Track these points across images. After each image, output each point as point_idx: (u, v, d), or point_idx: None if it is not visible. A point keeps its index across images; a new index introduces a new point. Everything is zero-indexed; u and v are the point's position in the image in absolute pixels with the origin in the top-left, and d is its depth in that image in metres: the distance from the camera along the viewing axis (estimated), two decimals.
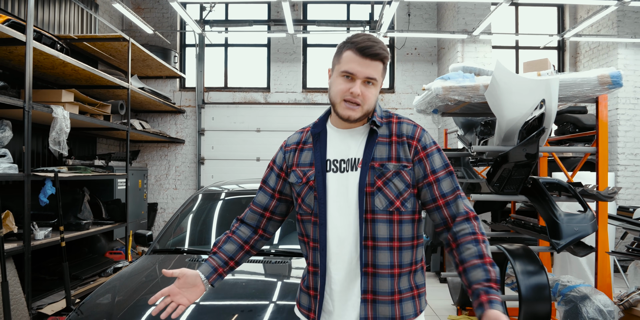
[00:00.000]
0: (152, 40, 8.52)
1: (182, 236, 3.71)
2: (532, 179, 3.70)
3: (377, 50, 1.53)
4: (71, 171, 4.94)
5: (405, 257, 1.58)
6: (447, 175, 1.59)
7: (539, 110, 3.43)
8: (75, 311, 2.52)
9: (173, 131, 8.80)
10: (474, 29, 6.94)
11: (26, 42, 3.94)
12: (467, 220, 1.55)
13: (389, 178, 1.55)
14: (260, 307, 2.46)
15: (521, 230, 4.15)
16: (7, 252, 3.76)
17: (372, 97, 1.56)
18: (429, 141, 1.61)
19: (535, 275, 3.42)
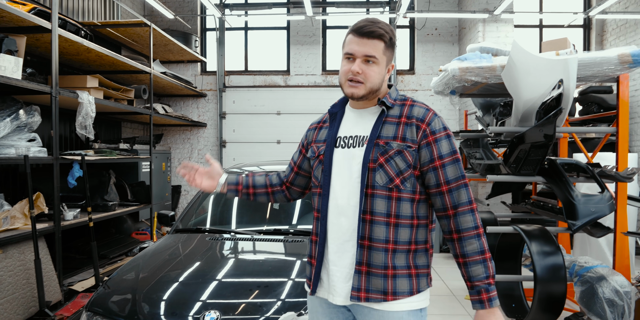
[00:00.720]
0: (173, 25, 8.61)
1: (203, 216, 3.84)
2: (549, 160, 3.69)
3: (373, 28, 1.60)
4: (97, 154, 5.11)
5: (401, 234, 1.62)
6: (454, 162, 1.61)
7: (556, 91, 3.39)
8: (102, 286, 2.67)
9: (195, 115, 8.94)
10: (495, 8, 6.79)
11: (52, 30, 4.05)
12: (471, 213, 1.59)
13: (391, 156, 1.60)
14: (277, 283, 2.57)
15: (540, 211, 4.15)
16: (38, 231, 3.95)
17: (373, 75, 1.62)
18: (439, 126, 1.63)
19: (551, 255, 3.44)
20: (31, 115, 4.06)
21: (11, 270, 3.77)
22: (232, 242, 3.24)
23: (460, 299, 4.72)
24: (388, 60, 1.67)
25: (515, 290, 4.25)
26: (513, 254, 4.27)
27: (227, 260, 2.93)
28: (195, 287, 2.53)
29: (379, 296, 1.61)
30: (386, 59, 1.65)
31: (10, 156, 3.76)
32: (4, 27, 3.96)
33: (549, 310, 3.34)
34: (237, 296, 2.44)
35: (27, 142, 4.02)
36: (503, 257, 4.26)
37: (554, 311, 3.34)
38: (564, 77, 3.34)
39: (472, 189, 7.08)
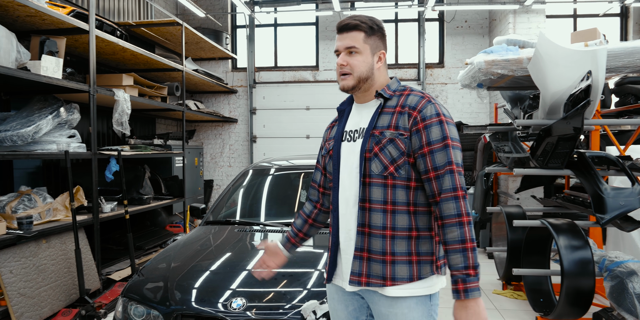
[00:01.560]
0: (205, 23, 8.80)
1: (232, 209, 3.96)
2: (577, 153, 3.64)
3: (347, 21, 1.70)
4: (133, 150, 5.32)
5: (399, 221, 1.65)
6: (443, 148, 1.61)
7: (585, 82, 3.34)
8: (137, 274, 2.82)
9: (226, 111, 9.12)
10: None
11: (89, 31, 4.24)
12: (455, 199, 1.58)
13: (384, 144, 1.65)
14: (302, 273, 2.65)
15: (570, 205, 4.09)
16: (78, 223, 4.16)
17: (357, 63, 1.69)
18: (431, 113, 1.63)
19: (579, 249, 3.40)
20: (71, 112, 4.27)
21: (54, 259, 3.99)
22: (261, 234, 3.35)
23: (489, 293, 4.71)
24: (373, 48, 1.71)
25: (544, 284, 4.21)
26: (541, 248, 4.22)
27: (255, 251, 3.03)
28: (223, 276, 2.65)
29: (379, 281, 1.65)
30: (369, 47, 1.70)
31: (52, 152, 3.98)
32: (45, 29, 4.17)
33: (577, 304, 3.31)
34: (263, 285, 2.54)
35: (67, 138, 4.23)
36: (531, 251, 4.22)
37: (581, 306, 3.31)
38: (593, 69, 3.29)
39: (502, 184, 6.99)
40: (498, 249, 4.94)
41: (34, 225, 3.84)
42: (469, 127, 5.09)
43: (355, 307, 1.81)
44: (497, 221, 5.62)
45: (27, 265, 3.71)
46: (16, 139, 3.71)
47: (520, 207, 4.50)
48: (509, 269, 4.57)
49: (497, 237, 5.64)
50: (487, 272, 5.44)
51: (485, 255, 6.40)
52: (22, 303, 3.56)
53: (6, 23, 3.81)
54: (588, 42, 3.56)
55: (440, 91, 8.50)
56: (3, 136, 3.68)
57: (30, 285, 3.68)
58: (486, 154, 5.99)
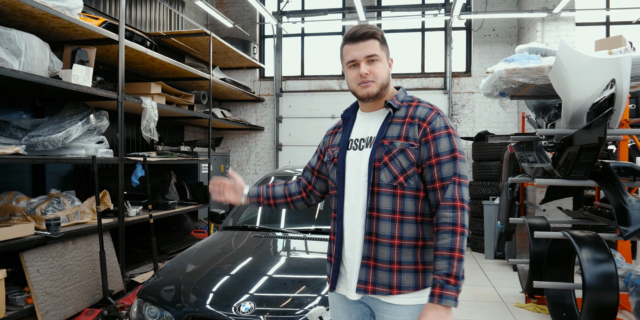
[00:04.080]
0: (233, 33, 8.99)
1: (252, 215, 4.03)
2: (601, 163, 3.55)
3: (363, 30, 1.72)
4: (159, 156, 5.46)
5: (406, 230, 1.67)
6: (450, 160, 1.64)
7: (608, 91, 3.27)
8: (153, 276, 2.90)
9: (253, 119, 9.26)
10: (555, 6, 6.55)
11: (119, 41, 4.42)
12: (453, 208, 1.60)
13: (395, 155, 1.68)
14: (311, 280, 2.67)
15: (596, 217, 3.99)
16: (104, 226, 4.30)
17: (380, 71, 1.72)
18: (440, 125, 1.67)
19: (603, 263, 3.30)
20: (100, 119, 4.43)
21: (79, 260, 4.13)
22: (276, 240, 3.39)
23: (510, 306, 4.60)
24: (386, 54, 1.77)
25: (567, 298, 4.10)
26: (565, 260, 4.11)
27: (269, 256, 3.07)
28: (236, 280, 2.69)
29: (385, 289, 1.67)
30: (385, 54, 1.75)
31: (81, 156, 4.14)
32: (78, 40, 4.37)
33: None
34: (274, 290, 2.58)
35: (96, 144, 4.39)
36: (554, 263, 4.12)
37: None
38: (617, 77, 3.21)
39: (529, 195, 6.84)
40: (522, 261, 4.83)
41: (61, 227, 3.99)
42: (494, 137, 5.03)
43: (359, 315, 1.81)
44: (521, 232, 5.50)
45: (54, 265, 3.85)
46: (47, 144, 3.87)
47: (545, 218, 4.40)
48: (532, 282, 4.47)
49: (521, 248, 5.52)
50: (510, 285, 5.32)
51: (509, 267, 6.25)
52: (48, 301, 3.70)
53: (42, 34, 4.01)
54: (612, 49, 3.49)
55: (467, 100, 8.42)
56: (35, 141, 3.85)
57: (56, 285, 3.82)
58: (512, 164, 5.88)
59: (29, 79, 3.21)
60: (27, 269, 3.61)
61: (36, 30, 3.91)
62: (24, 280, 3.68)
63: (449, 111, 8.30)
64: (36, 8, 3.26)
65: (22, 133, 3.98)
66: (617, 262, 3.78)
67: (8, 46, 3.17)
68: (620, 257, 4.10)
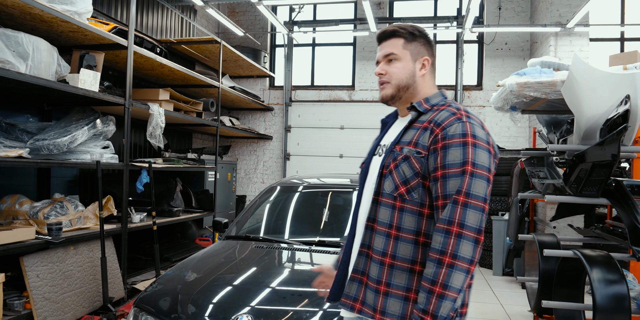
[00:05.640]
0: (245, 41, 9.02)
1: (255, 225, 3.96)
2: (615, 181, 3.45)
3: (385, 29, 1.63)
4: (165, 163, 5.44)
5: (401, 249, 1.46)
6: (458, 174, 1.38)
7: (623, 107, 3.19)
8: (151, 285, 2.84)
9: (262, 128, 9.25)
10: (568, 21, 6.49)
11: (127, 47, 4.42)
12: (446, 233, 1.35)
13: (399, 162, 1.50)
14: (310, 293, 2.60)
15: (608, 236, 3.88)
16: (107, 232, 4.27)
17: (396, 71, 1.59)
18: (456, 131, 1.41)
19: (614, 284, 3.20)
20: (106, 124, 4.42)
21: (80, 266, 4.09)
22: (278, 252, 3.31)
23: None
24: (414, 54, 1.59)
25: (577, 319, 3.97)
26: (575, 280, 4.00)
27: (270, 268, 3.00)
28: (234, 292, 2.63)
29: (370, 311, 1.49)
30: (409, 53, 1.58)
31: (85, 161, 4.12)
32: (87, 45, 4.38)
33: None
34: (272, 303, 2.50)
35: (101, 149, 4.38)
36: (564, 282, 4.00)
37: None
38: (631, 93, 3.13)
39: (540, 211, 6.71)
40: (530, 278, 4.71)
41: (63, 232, 3.96)
42: (504, 151, 4.95)
43: None
44: (530, 250, 5.38)
45: (54, 271, 3.81)
46: (52, 148, 3.86)
47: (555, 235, 4.29)
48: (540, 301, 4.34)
49: (530, 266, 5.39)
50: (518, 303, 5.19)
51: (517, 284, 6.12)
52: (46, 307, 3.65)
53: (51, 38, 4.03)
54: (627, 64, 3.41)
55: (477, 114, 8.34)
56: (40, 145, 3.84)
57: (55, 290, 3.77)
58: (522, 180, 5.78)
59: (35, 82, 3.21)
60: (27, 273, 3.57)
61: (45, 34, 3.92)
62: (23, 284, 3.64)
63: None
64: (45, 12, 3.27)
65: (28, 136, 3.97)
66: (629, 283, 3.67)
67: (15, 49, 3.17)
68: (632, 277, 3.97)
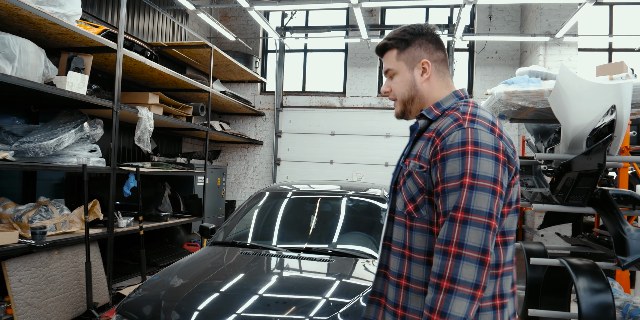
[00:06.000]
0: (237, 46, 9.02)
1: (242, 231, 3.93)
2: (600, 190, 3.47)
3: (377, 46, 1.55)
4: (153, 167, 5.40)
5: (414, 271, 1.36)
6: (456, 188, 1.26)
7: (609, 117, 3.22)
8: (135, 291, 2.80)
9: (253, 133, 9.23)
10: (557, 31, 6.57)
11: (117, 50, 4.40)
12: (443, 255, 1.24)
13: (405, 178, 1.41)
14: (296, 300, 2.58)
15: (595, 245, 3.90)
16: (92, 236, 4.21)
17: (397, 86, 1.51)
18: (455, 140, 1.29)
19: (600, 293, 3.21)
20: (94, 127, 4.38)
21: (64, 271, 4.03)
22: (265, 259, 3.29)
23: None
24: (409, 61, 1.47)
25: None
26: (562, 289, 4.01)
27: (256, 276, 2.97)
28: (219, 299, 2.60)
29: None
30: (404, 62, 1.47)
31: (71, 165, 4.07)
32: (76, 47, 4.35)
33: None
34: (257, 310, 2.48)
35: (88, 152, 4.34)
36: (550, 291, 4.01)
37: None
38: (617, 103, 3.16)
39: (528, 219, 6.75)
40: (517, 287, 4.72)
41: (47, 236, 3.90)
42: None
43: None
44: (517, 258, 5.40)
45: (37, 275, 3.75)
46: (38, 151, 3.81)
47: (542, 244, 4.31)
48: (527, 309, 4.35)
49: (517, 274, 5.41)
50: None
51: None
52: (28, 313, 3.59)
53: (39, 40, 3.99)
54: (613, 75, 3.45)
55: None
56: (26, 147, 3.79)
57: (38, 295, 3.72)
58: None
59: (21, 85, 3.17)
60: (9, 278, 3.52)
61: (34, 35, 3.89)
62: (4, 289, 3.58)
63: None
64: (33, 13, 3.24)
65: (14, 139, 3.93)
66: (614, 292, 3.69)
67: (2, 50, 3.14)
68: (618, 286, 4.00)
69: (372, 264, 3.16)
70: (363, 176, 8.67)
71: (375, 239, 3.61)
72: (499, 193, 1.25)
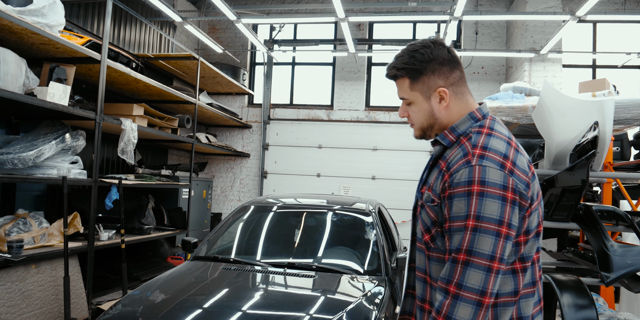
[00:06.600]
0: (224, 58, 9.02)
1: (223, 245, 3.87)
2: (584, 206, 3.48)
3: (388, 71, 1.49)
4: (137, 179, 5.32)
5: (435, 298, 1.36)
6: (460, 229, 1.25)
7: (592, 133, 3.24)
8: (113, 307, 2.73)
9: (239, 145, 9.18)
10: (542, 47, 6.67)
11: (101, 61, 4.35)
12: (445, 293, 1.27)
13: (420, 209, 1.43)
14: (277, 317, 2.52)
15: (579, 260, 3.90)
16: (72, 249, 4.11)
17: (414, 115, 1.48)
18: (461, 179, 1.27)
19: (584, 309, 3.20)
20: (76, 139, 4.32)
21: (41, 285, 3.92)
22: (247, 274, 3.22)
23: None
24: (425, 91, 1.42)
25: None
26: (546, 304, 3.99)
27: (238, 292, 2.91)
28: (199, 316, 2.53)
29: None
30: (419, 93, 1.43)
31: (51, 177, 3.99)
32: (60, 57, 4.29)
33: None
34: None
35: (69, 164, 4.26)
36: None
37: None
38: (600, 119, 3.19)
39: None
40: None
41: (25, 249, 3.81)
42: None
43: None
44: None
45: (12, 290, 3.64)
46: (17, 162, 3.74)
47: None
48: None
49: None
50: None
51: None
52: None
53: (21, 49, 3.94)
54: (596, 92, 3.49)
55: None
56: (5, 159, 3.71)
57: (13, 311, 3.60)
58: None
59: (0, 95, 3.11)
60: None
61: (15, 45, 3.83)
62: None
63: None
64: (14, 23, 3.20)
65: None
66: (599, 307, 3.67)
67: None
68: (602, 302, 3.99)
69: (356, 280, 3.13)
70: (350, 189, 8.65)
71: (359, 254, 3.57)
72: (504, 235, 1.23)
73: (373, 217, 3.81)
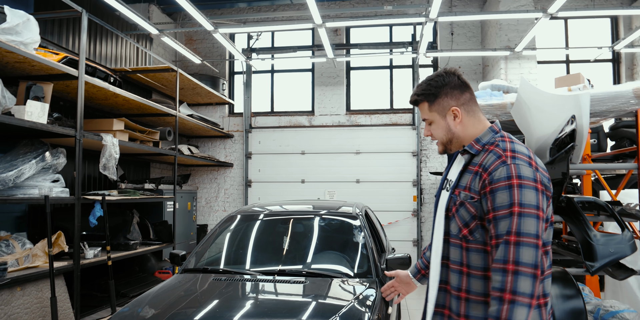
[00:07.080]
0: (203, 69, 8.99)
1: (212, 256, 3.84)
2: (565, 198, 3.55)
3: (410, 97, 1.82)
4: (120, 194, 5.26)
5: (473, 285, 1.60)
6: (507, 216, 1.49)
7: (569, 126, 3.31)
8: None
9: (222, 155, 9.14)
10: (517, 45, 6.80)
11: (78, 77, 4.31)
12: (503, 272, 1.45)
13: (458, 207, 1.65)
14: None
15: (563, 251, 3.96)
16: (57, 269, 4.05)
17: (436, 133, 1.78)
18: (501, 175, 1.53)
19: (572, 299, 3.25)
20: (56, 157, 4.26)
21: (27, 308, 3.85)
22: (237, 284, 3.20)
23: None
24: (441, 111, 1.73)
25: None
26: None
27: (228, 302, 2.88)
28: None
29: None
30: (436, 113, 1.74)
31: (33, 196, 3.93)
32: (36, 75, 4.25)
33: None
34: None
35: (51, 182, 4.20)
36: None
37: None
38: (577, 113, 3.26)
39: None
40: None
41: (9, 272, 3.73)
42: None
43: None
44: None
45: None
46: None
47: None
48: None
49: None
50: None
51: None
52: None
53: None
54: (572, 86, 3.57)
55: None
56: None
57: None
58: None
59: None
60: None
61: None
62: None
63: (418, 147, 8.34)
64: None
65: None
66: (585, 296, 3.73)
67: None
68: (588, 291, 4.06)
69: (347, 283, 3.13)
70: (335, 194, 8.66)
71: (349, 257, 3.58)
72: (541, 217, 1.48)
73: (360, 220, 3.83)
